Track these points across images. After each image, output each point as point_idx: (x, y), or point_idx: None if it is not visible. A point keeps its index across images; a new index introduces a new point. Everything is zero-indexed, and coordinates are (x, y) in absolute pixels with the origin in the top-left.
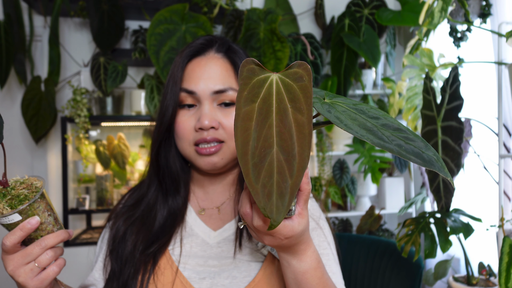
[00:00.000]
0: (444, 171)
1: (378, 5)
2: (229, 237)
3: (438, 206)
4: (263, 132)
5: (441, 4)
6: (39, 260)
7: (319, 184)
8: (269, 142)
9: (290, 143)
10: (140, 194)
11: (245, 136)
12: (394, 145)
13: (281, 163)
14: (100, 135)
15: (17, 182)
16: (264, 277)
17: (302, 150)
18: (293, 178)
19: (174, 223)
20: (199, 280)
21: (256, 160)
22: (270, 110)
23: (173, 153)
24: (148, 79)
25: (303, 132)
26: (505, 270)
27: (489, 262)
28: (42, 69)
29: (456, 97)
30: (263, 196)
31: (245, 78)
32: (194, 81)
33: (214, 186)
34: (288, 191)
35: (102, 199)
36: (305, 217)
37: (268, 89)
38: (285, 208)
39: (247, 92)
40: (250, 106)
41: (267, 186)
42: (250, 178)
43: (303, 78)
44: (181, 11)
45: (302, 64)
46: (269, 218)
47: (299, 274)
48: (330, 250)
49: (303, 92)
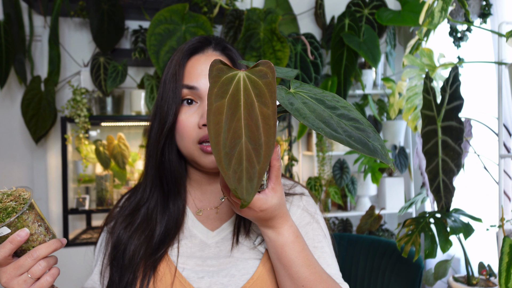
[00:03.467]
0: (386, 159)
1: (378, 5)
2: (226, 236)
3: (438, 206)
4: (232, 125)
5: (441, 4)
6: (32, 271)
7: (319, 184)
8: (238, 133)
9: (257, 133)
10: (139, 199)
11: (217, 128)
12: (345, 135)
13: (249, 151)
14: (100, 135)
15: (4, 194)
16: (262, 274)
17: (268, 139)
18: (260, 164)
19: (175, 228)
20: (197, 279)
21: (227, 150)
22: (238, 105)
23: (175, 153)
24: (148, 79)
25: (268, 123)
26: (505, 270)
27: (489, 262)
28: (42, 69)
29: (456, 97)
30: (234, 181)
31: (215, 76)
32: (195, 77)
33: (211, 187)
34: (256, 175)
35: (102, 199)
36: (278, 192)
37: (236, 85)
38: (254, 190)
39: (217, 89)
40: (220, 102)
41: (237, 172)
42: (222, 165)
43: (267, 75)
44: (181, 11)
45: (266, 63)
46: (239, 199)
47: (278, 247)
48: (325, 243)
49: (268, 87)
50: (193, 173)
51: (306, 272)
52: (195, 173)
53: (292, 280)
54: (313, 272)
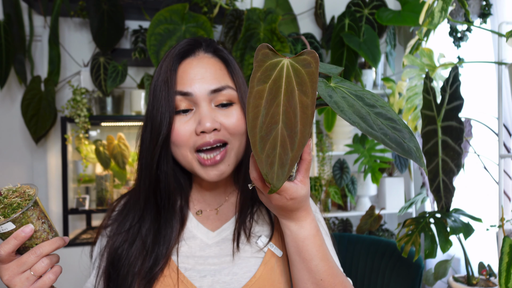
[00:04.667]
0: (420, 161)
1: (378, 5)
2: (227, 236)
3: (438, 206)
4: (271, 110)
5: (441, 4)
6: (34, 269)
7: (319, 184)
8: (276, 119)
9: (294, 121)
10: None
11: (256, 112)
12: (380, 133)
13: (285, 138)
14: (100, 135)
15: (10, 190)
16: (265, 273)
17: (304, 128)
18: (293, 151)
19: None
20: (199, 278)
21: (263, 134)
22: (279, 91)
23: (171, 166)
24: (148, 79)
25: (306, 112)
26: (505, 270)
27: (489, 262)
28: (42, 69)
29: (456, 97)
30: (266, 165)
31: (260, 61)
32: (188, 83)
33: (211, 189)
34: (288, 162)
35: (102, 199)
36: (307, 185)
37: (279, 72)
38: (284, 177)
39: (260, 73)
40: (262, 86)
41: (270, 157)
42: (256, 148)
43: (311, 64)
44: (181, 11)
45: (311, 52)
46: (269, 184)
47: (299, 240)
48: (328, 241)
49: (310, 77)
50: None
51: (324, 266)
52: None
53: (311, 274)
54: (330, 267)
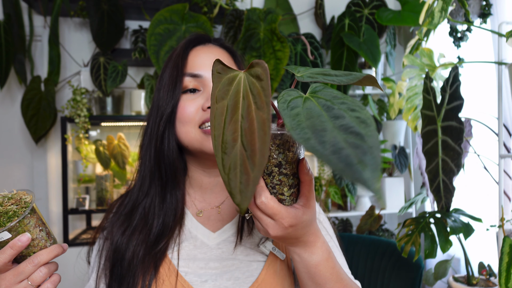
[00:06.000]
0: (373, 188)
1: (378, 5)
2: (229, 238)
3: (438, 206)
4: (230, 127)
5: (441, 4)
6: (32, 278)
7: (319, 184)
8: (234, 136)
9: (250, 138)
10: (135, 199)
11: (218, 129)
12: (330, 150)
13: (244, 156)
14: (100, 135)
15: (5, 197)
16: (267, 277)
17: (262, 146)
18: (254, 171)
19: (174, 220)
20: (201, 283)
21: (225, 152)
22: (237, 106)
23: (175, 142)
24: (148, 79)
25: (263, 129)
26: (505, 270)
27: (489, 262)
28: (42, 69)
29: (456, 97)
30: (229, 184)
31: (217, 76)
32: (198, 66)
33: (212, 186)
34: (250, 182)
35: (102, 199)
36: (312, 208)
37: (236, 86)
38: (248, 197)
39: (218, 89)
40: (221, 103)
41: (232, 176)
42: (220, 168)
43: (261, 76)
44: (181, 11)
45: (260, 63)
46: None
47: (312, 267)
48: (333, 242)
49: (263, 90)
50: (193, 170)
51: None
52: (195, 171)
53: None
54: (344, 285)
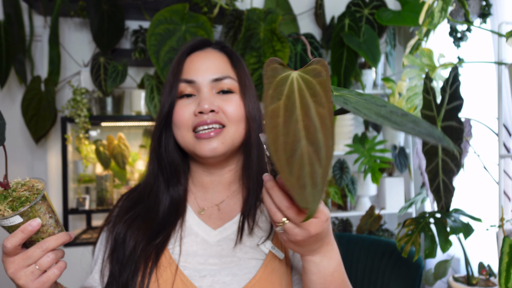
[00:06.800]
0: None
1: (378, 5)
2: (229, 236)
3: (438, 206)
4: (290, 127)
5: (441, 4)
6: (40, 263)
7: None
8: (298, 136)
9: (316, 135)
10: (141, 192)
11: (275, 132)
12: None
13: (310, 154)
14: (100, 135)
15: (18, 184)
16: (265, 274)
17: (327, 140)
18: (322, 167)
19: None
20: (199, 278)
21: (288, 155)
22: (294, 106)
23: (173, 144)
24: (148, 79)
25: (326, 123)
26: (505, 270)
27: (489, 262)
28: (42, 69)
29: (456, 97)
30: (299, 188)
31: (270, 77)
32: (193, 72)
33: (213, 185)
34: (320, 180)
35: (102, 199)
36: (325, 213)
37: (290, 86)
38: (319, 196)
39: (272, 90)
40: (276, 104)
41: (301, 178)
42: (285, 172)
43: (321, 73)
44: (181, 11)
45: (320, 61)
46: (306, 209)
47: (328, 275)
48: None
49: (322, 86)
50: (194, 169)
51: None
52: (197, 170)
53: None
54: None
